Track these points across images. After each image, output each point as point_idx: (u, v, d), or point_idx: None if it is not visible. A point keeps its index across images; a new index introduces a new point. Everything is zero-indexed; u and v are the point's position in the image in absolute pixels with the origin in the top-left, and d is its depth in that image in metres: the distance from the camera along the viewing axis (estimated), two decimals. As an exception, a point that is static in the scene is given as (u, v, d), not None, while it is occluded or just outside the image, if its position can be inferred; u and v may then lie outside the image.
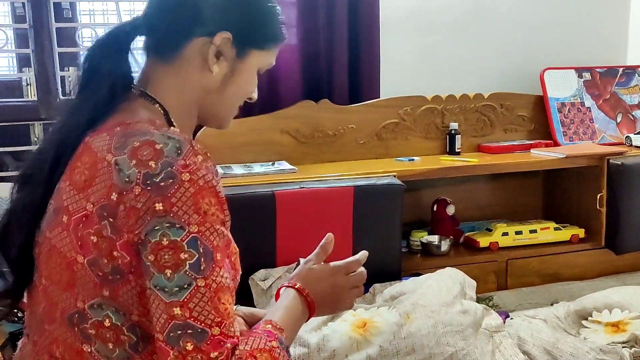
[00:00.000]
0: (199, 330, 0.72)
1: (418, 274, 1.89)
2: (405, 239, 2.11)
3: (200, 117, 0.93)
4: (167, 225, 0.72)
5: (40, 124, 2.13)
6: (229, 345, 0.73)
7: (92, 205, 0.76)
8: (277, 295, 0.96)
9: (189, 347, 0.71)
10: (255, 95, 0.98)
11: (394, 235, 1.90)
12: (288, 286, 0.95)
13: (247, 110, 2.15)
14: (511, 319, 1.85)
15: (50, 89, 2.08)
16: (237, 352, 0.74)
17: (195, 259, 0.73)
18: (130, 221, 0.74)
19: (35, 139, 2.14)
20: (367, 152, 2.20)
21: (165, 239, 0.72)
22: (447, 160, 2.15)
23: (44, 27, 2.04)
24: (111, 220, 0.75)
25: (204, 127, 1.73)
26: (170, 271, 0.72)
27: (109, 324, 0.77)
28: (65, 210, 0.79)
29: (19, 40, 2.08)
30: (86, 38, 2.14)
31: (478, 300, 1.82)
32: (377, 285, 1.84)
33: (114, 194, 0.75)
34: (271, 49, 0.92)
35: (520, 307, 1.99)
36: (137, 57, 0.89)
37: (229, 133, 2.08)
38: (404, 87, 2.26)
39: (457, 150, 2.24)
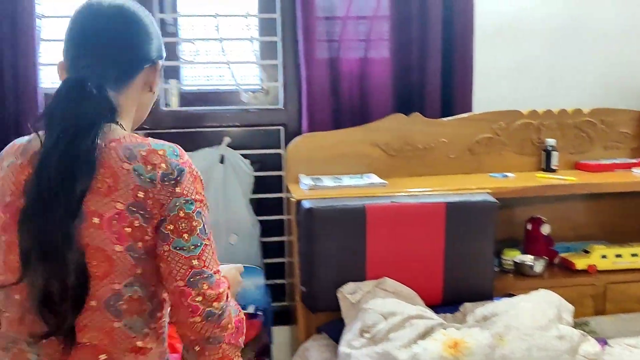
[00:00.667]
0: (210, 275, 0.98)
1: (511, 295, 1.83)
2: (496, 258, 2.06)
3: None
4: (183, 201, 0.98)
5: (142, 133, 2.25)
6: (225, 286, 1.01)
7: (121, 205, 0.97)
8: None
9: (205, 287, 0.97)
10: None
11: (486, 253, 1.86)
12: None
13: (337, 122, 2.18)
14: (610, 346, 1.76)
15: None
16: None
17: (202, 225, 0.99)
18: (156, 209, 0.97)
19: (138, 147, 2.26)
20: (458, 167, 2.16)
21: (181, 212, 0.98)
22: (544, 178, 2.08)
23: (150, 42, 2.16)
24: (142, 212, 0.97)
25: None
26: (187, 235, 0.98)
27: (136, 297, 0.99)
28: (93, 214, 0.97)
29: (126, 54, 2.22)
30: (186, 52, 2.24)
31: (574, 326, 1.74)
32: (467, 305, 1.81)
33: (139, 192, 0.97)
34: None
35: (620, 335, 1.88)
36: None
37: (319, 145, 2.12)
38: (498, 101, 2.22)
39: (553, 167, 2.16)
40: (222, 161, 2.22)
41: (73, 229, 0.95)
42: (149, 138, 1.03)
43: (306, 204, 1.79)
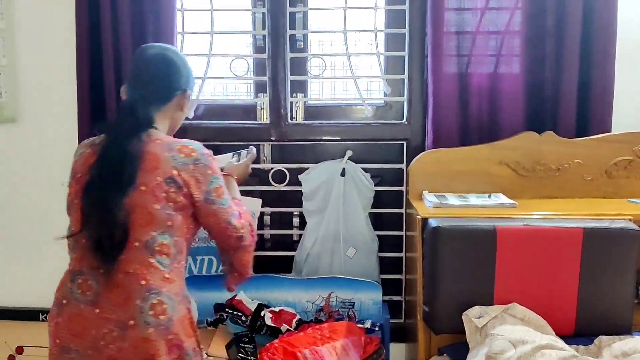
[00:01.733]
0: (236, 213, 1.52)
1: (654, 331, 1.69)
2: (635, 289, 1.90)
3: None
4: (216, 178, 1.49)
5: (269, 145, 2.33)
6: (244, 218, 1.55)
7: (160, 178, 1.43)
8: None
9: (234, 221, 1.50)
10: None
11: (626, 284, 1.73)
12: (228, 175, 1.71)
13: (464, 139, 2.12)
14: None
15: (281, 113, 2.26)
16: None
17: (226, 191, 1.51)
18: (191, 182, 1.45)
19: (264, 157, 2.34)
20: (593, 190, 2.03)
21: (216, 183, 1.49)
22: (693, 206, 1.90)
23: (280, 57, 2.23)
24: (175, 183, 1.43)
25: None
26: (223, 195, 1.50)
27: (165, 242, 1.43)
28: (142, 184, 1.42)
29: (257, 68, 2.30)
30: (314, 67, 2.29)
31: None
32: (603, 338, 1.68)
33: (174, 170, 1.44)
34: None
35: None
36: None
37: (444, 161, 2.08)
38: (640, 122, 2.07)
39: (703, 193, 1.98)
40: (343, 174, 2.24)
41: (123, 197, 1.39)
42: (182, 139, 1.51)
43: (433, 223, 1.76)
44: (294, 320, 2.04)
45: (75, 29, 2.09)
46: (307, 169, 2.27)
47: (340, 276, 2.16)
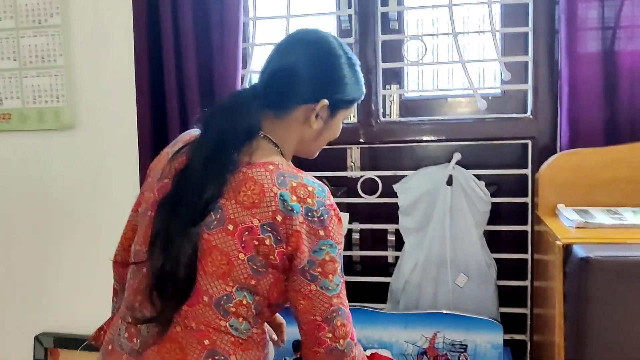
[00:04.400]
0: (345, 311, 1.11)
1: None
2: None
3: (295, 153, 1.24)
4: (329, 245, 1.07)
5: (358, 148, 1.94)
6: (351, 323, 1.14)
7: (257, 221, 1.05)
8: None
9: (339, 323, 1.10)
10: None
11: None
12: None
13: (612, 136, 1.63)
14: None
15: (371, 110, 1.86)
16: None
17: (340, 266, 1.10)
18: (292, 239, 1.05)
19: (352, 163, 1.95)
20: None
21: (327, 256, 1.07)
22: None
23: (370, 41, 1.84)
24: (274, 234, 1.05)
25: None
26: (332, 275, 1.09)
27: (245, 302, 1.08)
28: (231, 221, 1.05)
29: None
30: (412, 52, 1.88)
31: None
32: None
33: (278, 216, 1.05)
34: (351, 107, 1.24)
35: None
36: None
37: (586, 165, 1.59)
38: None
39: None
40: (449, 182, 1.80)
41: (193, 227, 1.05)
42: (304, 172, 1.12)
43: (580, 252, 1.29)
44: (390, 367, 1.64)
45: (133, 27, 1.81)
46: (405, 176, 1.85)
47: (448, 312, 1.73)
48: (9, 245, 2.12)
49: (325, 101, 1.17)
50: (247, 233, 1.04)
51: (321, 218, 1.06)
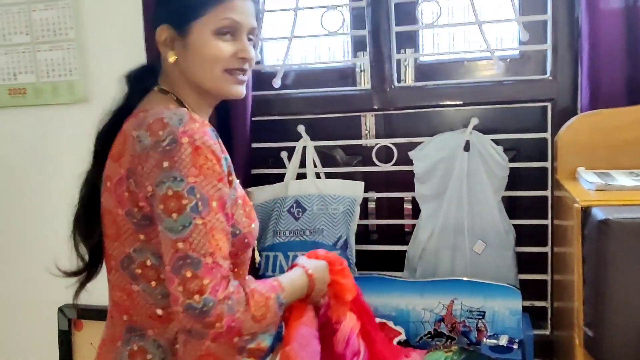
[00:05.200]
0: (196, 260, 0.92)
1: None
2: None
3: (206, 95, 1.11)
4: (172, 178, 0.93)
5: (372, 115, 1.90)
6: (219, 275, 0.93)
7: (124, 170, 0.98)
8: (290, 268, 1.19)
9: (188, 274, 0.92)
10: (244, 54, 1.08)
11: None
12: (302, 267, 1.17)
13: (634, 96, 1.56)
14: None
15: (384, 75, 1.82)
16: (231, 285, 0.96)
17: (193, 203, 0.93)
18: (144, 178, 0.96)
19: (367, 131, 1.92)
20: None
21: (170, 191, 0.94)
22: None
23: (382, 4, 1.79)
24: (134, 177, 0.97)
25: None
26: (176, 214, 0.93)
27: (149, 264, 1.00)
28: (108, 178, 1.03)
29: (355, 21, 1.87)
30: (426, 14, 1.82)
31: None
32: None
33: (136, 159, 0.97)
34: (211, 10, 1.04)
35: None
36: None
37: (607, 126, 1.54)
38: None
39: None
40: (467, 148, 1.76)
41: (87, 193, 1.11)
42: (179, 109, 1.01)
43: (598, 214, 1.25)
44: (395, 339, 1.63)
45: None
46: (420, 143, 1.81)
47: (466, 279, 1.70)
48: (32, 211, 2.15)
49: (163, 25, 1.07)
50: (118, 185, 1.00)
51: (167, 148, 0.94)
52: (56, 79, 1.99)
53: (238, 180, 1.11)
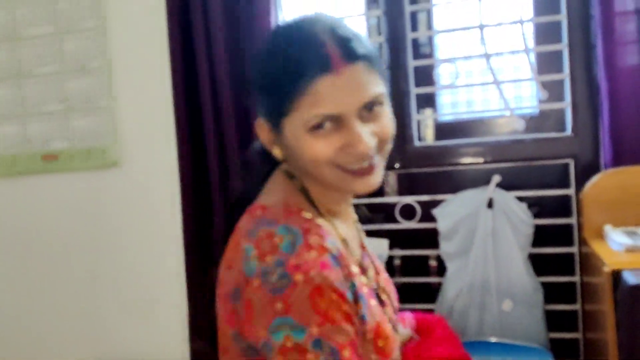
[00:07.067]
0: None
1: None
2: None
3: (332, 188, 0.89)
4: (290, 326, 0.74)
5: (395, 173, 1.92)
6: None
7: (231, 286, 0.81)
8: None
9: None
10: (354, 146, 0.82)
11: None
12: None
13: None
14: None
15: (406, 134, 1.85)
16: None
17: (321, 359, 0.73)
18: (247, 312, 0.77)
19: (389, 189, 1.94)
20: None
21: (289, 342, 0.74)
22: None
23: (402, 66, 1.83)
24: (241, 303, 0.79)
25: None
26: None
27: None
28: (219, 282, 0.85)
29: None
30: (444, 75, 1.86)
31: None
32: None
33: (241, 280, 0.79)
34: (297, 105, 0.82)
35: None
36: None
37: (633, 183, 1.54)
38: None
39: None
40: (490, 205, 1.76)
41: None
42: (299, 212, 0.85)
43: (630, 278, 1.23)
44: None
45: (170, 67, 1.85)
46: (443, 201, 1.82)
47: (495, 340, 1.68)
48: (62, 277, 2.18)
49: (259, 120, 0.90)
50: (227, 300, 0.82)
51: (277, 286, 0.75)
52: (89, 144, 2.05)
53: (374, 302, 0.89)
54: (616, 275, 1.28)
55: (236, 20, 1.81)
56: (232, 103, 1.81)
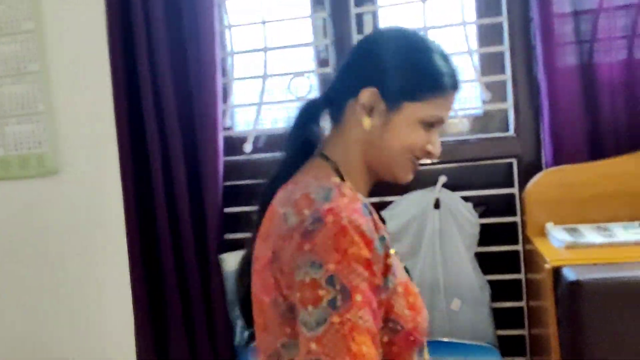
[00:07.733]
0: None
1: None
2: None
3: (373, 172, 1.01)
4: (309, 263, 0.80)
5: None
6: None
7: (270, 252, 0.87)
8: None
9: None
10: (432, 149, 1.00)
11: None
12: None
13: (596, 150, 1.61)
14: None
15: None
16: None
17: (331, 296, 0.78)
18: (287, 265, 0.84)
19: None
20: None
21: (307, 277, 0.80)
22: None
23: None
24: (278, 262, 0.85)
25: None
26: (311, 307, 0.79)
27: None
28: (256, 259, 0.92)
29: (323, 86, 1.92)
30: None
31: None
32: None
33: (280, 240, 0.86)
34: (430, 100, 0.95)
35: None
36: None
37: (572, 181, 1.58)
38: None
39: None
40: (437, 206, 1.78)
41: (245, 274, 0.97)
42: (329, 180, 0.91)
43: (569, 274, 1.26)
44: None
45: (111, 70, 1.80)
46: (391, 202, 1.83)
47: (444, 339, 1.69)
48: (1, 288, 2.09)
49: (372, 88, 0.94)
50: (265, 270, 0.87)
51: (309, 228, 0.82)
52: (25, 151, 1.97)
53: (403, 264, 0.99)
54: (557, 272, 1.30)
55: (179, 22, 1.78)
56: (175, 105, 1.77)
